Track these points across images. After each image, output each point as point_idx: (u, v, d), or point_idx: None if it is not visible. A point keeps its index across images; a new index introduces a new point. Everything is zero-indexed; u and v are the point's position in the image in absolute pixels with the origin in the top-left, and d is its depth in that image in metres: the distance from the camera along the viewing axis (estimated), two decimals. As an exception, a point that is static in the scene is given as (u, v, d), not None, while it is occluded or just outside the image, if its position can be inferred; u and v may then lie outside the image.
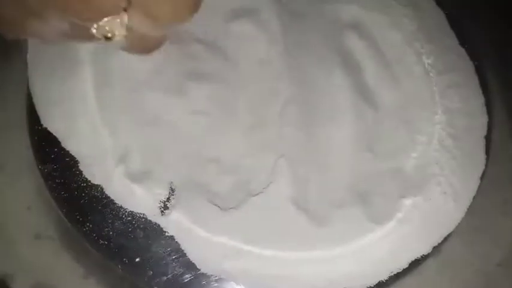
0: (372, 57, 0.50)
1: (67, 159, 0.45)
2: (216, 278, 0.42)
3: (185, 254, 0.42)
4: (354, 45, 0.51)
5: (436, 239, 0.45)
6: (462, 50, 0.54)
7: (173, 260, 0.42)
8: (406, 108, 0.50)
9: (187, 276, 0.42)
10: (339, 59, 0.50)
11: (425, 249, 0.44)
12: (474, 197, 0.47)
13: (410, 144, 0.48)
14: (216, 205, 0.43)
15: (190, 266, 0.42)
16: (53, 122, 0.46)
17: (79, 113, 0.46)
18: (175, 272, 0.42)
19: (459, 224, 0.46)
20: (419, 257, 0.44)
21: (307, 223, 0.44)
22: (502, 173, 0.51)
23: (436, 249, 0.45)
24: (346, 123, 0.47)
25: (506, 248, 0.47)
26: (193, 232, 0.43)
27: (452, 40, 0.55)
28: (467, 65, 0.54)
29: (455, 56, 0.54)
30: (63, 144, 0.45)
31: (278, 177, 0.44)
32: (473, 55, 0.54)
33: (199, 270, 0.42)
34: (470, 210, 0.46)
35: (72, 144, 0.45)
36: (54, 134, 0.46)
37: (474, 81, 0.53)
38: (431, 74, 0.52)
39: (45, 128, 0.46)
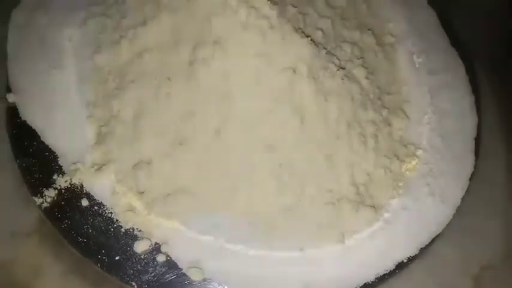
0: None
1: (46, 153, 0.44)
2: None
3: (167, 253, 0.41)
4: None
5: (424, 241, 0.44)
6: (453, 50, 0.54)
7: (155, 258, 0.41)
8: (396, 107, 0.49)
9: (169, 275, 0.41)
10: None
11: (412, 251, 0.44)
12: (463, 198, 0.47)
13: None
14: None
15: (172, 265, 0.41)
16: (33, 116, 0.45)
17: (61, 107, 0.45)
18: (157, 271, 0.41)
19: (447, 225, 0.45)
20: (407, 258, 0.43)
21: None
22: (491, 174, 0.50)
23: (424, 251, 0.44)
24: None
25: (496, 250, 0.46)
26: (176, 231, 0.42)
27: (443, 40, 0.55)
28: (458, 65, 0.54)
29: (446, 56, 0.54)
30: (43, 139, 0.44)
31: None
32: (464, 55, 0.54)
33: (182, 269, 0.41)
34: (459, 212, 0.46)
35: (52, 138, 0.44)
36: (33, 127, 0.44)
37: (465, 81, 0.53)
38: (421, 74, 0.51)
39: (24, 121, 0.45)
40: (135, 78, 0.44)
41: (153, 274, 0.41)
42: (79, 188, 0.43)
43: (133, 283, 0.40)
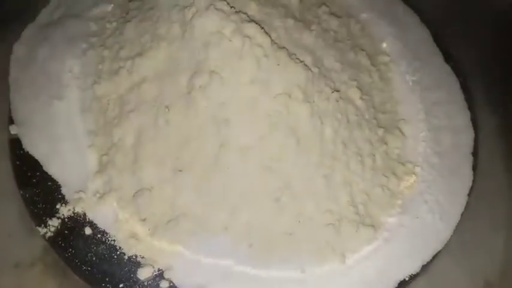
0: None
1: (49, 183, 0.45)
2: (203, 303, 0.41)
3: (170, 279, 0.42)
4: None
5: (425, 258, 0.45)
6: (447, 67, 0.55)
7: (158, 285, 0.42)
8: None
9: (172, 302, 0.41)
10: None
11: (413, 269, 0.44)
12: (462, 214, 0.47)
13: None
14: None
15: (176, 291, 0.41)
16: (36, 147, 0.46)
17: (64, 137, 0.46)
18: (161, 298, 0.41)
19: (448, 241, 0.46)
20: (408, 277, 0.44)
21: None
22: (489, 188, 0.50)
23: (425, 268, 0.44)
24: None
25: (498, 264, 0.46)
26: (178, 256, 0.42)
27: (437, 57, 0.55)
28: (452, 82, 0.54)
29: (441, 73, 0.54)
30: (45, 169, 0.45)
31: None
32: (458, 72, 0.55)
33: (186, 295, 0.41)
34: (459, 227, 0.46)
35: (55, 168, 0.45)
36: (36, 158, 0.45)
37: (460, 97, 0.53)
38: (416, 91, 0.52)
39: (27, 152, 0.46)
40: (135, 107, 0.45)
41: (156, 301, 0.41)
42: (82, 216, 0.44)
43: (138, 310, 0.41)
